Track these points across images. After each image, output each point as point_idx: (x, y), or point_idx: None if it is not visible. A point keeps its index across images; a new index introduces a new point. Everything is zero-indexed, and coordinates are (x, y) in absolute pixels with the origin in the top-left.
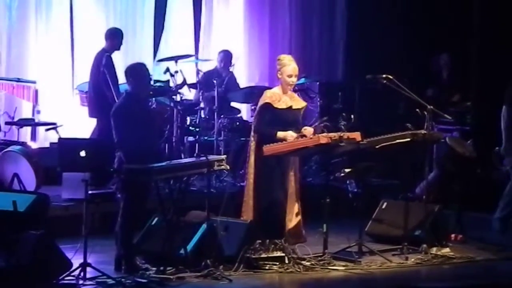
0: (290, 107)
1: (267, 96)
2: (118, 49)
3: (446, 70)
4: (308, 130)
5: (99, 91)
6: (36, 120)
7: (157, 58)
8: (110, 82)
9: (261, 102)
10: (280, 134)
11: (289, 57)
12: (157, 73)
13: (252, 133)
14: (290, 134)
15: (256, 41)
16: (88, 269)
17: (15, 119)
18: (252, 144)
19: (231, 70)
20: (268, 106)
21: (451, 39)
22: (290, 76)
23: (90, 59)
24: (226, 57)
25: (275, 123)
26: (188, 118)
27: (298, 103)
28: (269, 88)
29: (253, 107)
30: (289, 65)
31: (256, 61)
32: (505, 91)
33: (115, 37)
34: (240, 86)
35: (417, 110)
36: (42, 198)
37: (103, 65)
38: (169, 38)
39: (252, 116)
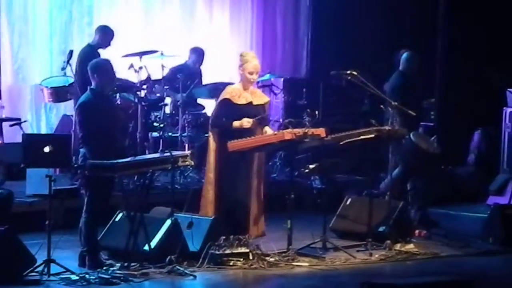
0: (250, 102)
1: (227, 92)
2: (104, 47)
3: None
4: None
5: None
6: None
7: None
8: (78, 78)
9: (220, 98)
10: (236, 123)
11: (252, 53)
12: None
13: (210, 128)
14: (246, 121)
15: (217, 36)
16: (52, 264)
17: None
18: (211, 139)
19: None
20: (227, 101)
21: (417, 36)
22: (251, 73)
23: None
24: (200, 55)
25: (235, 119)
26: (153, 114)
27: (260, 99)
28: (232, 84)
29: None
30: (251, 62)
31: (218, 56)
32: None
33: (106, 35)
34: (203, 83)
35: (382, 106)
36: (6, 193)
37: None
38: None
39: None
